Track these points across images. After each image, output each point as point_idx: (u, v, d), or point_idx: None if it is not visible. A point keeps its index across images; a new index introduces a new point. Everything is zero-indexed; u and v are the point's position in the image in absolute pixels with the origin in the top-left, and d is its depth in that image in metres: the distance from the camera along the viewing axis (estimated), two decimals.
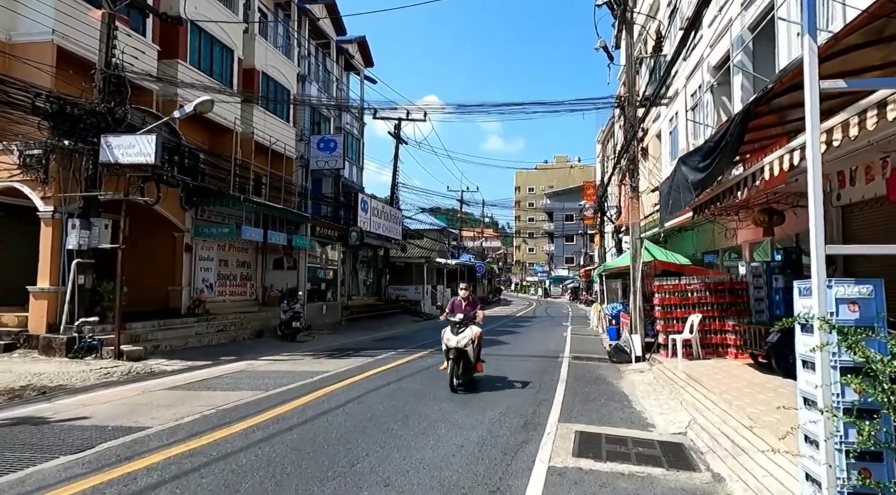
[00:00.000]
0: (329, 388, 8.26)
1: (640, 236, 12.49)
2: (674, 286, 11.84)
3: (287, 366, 10.96)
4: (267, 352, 13.34)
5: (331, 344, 15.87)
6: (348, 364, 11.21)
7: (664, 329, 11.77)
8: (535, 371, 10.64)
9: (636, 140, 11.81)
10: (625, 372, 10.87)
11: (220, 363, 11.58)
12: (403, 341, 16.58)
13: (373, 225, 26.88)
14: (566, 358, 12.90)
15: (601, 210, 27.35)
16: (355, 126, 30.84)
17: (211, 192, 15.97)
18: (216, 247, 17.36)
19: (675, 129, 17.87)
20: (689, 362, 10.82)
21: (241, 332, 16.41)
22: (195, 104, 12.10)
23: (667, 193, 9.50)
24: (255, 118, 20.79)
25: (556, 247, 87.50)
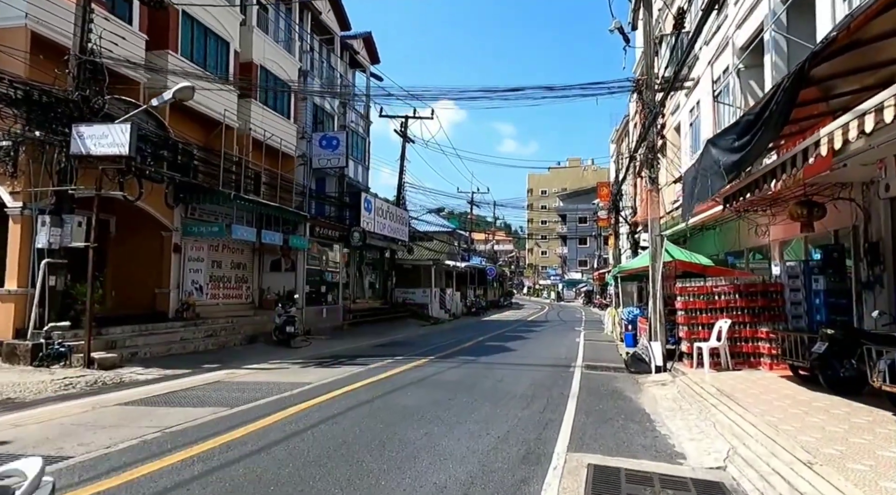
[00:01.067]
0: (304, 405, 7.22)
1: (661, 233, 11.32)
2: (699, 288, 10.65)
3: (268, 377, 9.94)
4: (254, 360, 12.37)
5: (326, 350, 14.86)
6: (336, 374, 10.18)
7: (688, 336, 10.58)
8: (544, 383, 9.51)
9: (655, 126, 10.66)
10: (644, 384, 9.70)
11: (199, 371, 10.62)
12: (404, 348, 15.52)
13: (377, 225, 25.89)
14: (578, 367, 11.74)
15: (616, 209, 26.09)
16: (360, 124, 29.94)
17: (200, 189, 15.09)
18: (207, 248, 16.46)
19: (696, 120, 16.64)
20: (717, 373, 9.62)
21: (232, 338, 15.46)
22: (174, 91, 11.19)
23: (692, 181, 8.34)
24: (253, 113, 19.91)
25: (569, 250, 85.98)
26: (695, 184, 8.15)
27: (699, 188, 7.63)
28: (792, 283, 10.02)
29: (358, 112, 29.83)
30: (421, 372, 10.35)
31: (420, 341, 17.81)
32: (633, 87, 12.09)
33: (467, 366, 11.55)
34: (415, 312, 30.90)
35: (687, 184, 8.90)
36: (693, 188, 8.23)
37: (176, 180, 14.29)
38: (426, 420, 6.43)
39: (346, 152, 24.59)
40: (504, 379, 9.70)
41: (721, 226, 16.11)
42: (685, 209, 8.75)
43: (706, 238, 17.38)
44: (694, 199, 8.23)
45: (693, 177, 8.27)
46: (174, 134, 15.35)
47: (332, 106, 27.06)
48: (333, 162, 24.46)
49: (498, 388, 8.78)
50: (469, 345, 16.60)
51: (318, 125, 25.62)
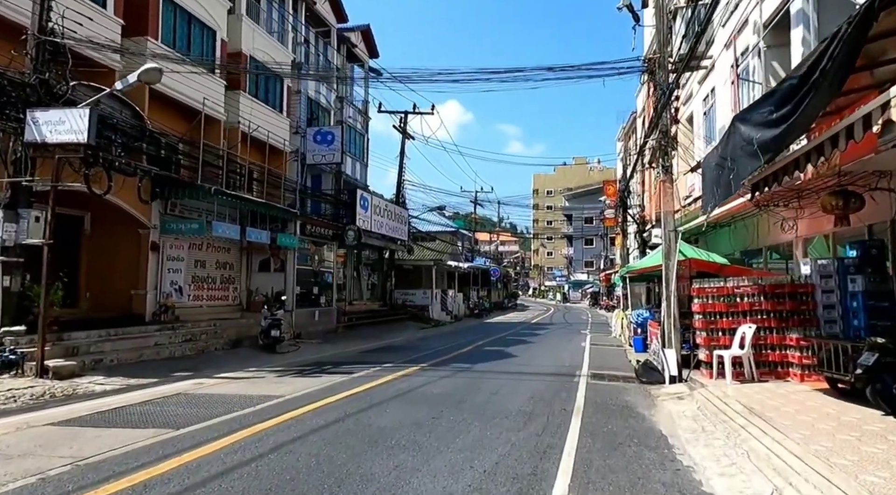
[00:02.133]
0: (263, 425, 6.19)
1: (675, 228, 10.23)
2: (718, 289, 9.55)
3: (238, 388, 8.93)
4: (231, 367, 11.37)
5: (313, 356, 13.85)
6: (314, 384, 9.15)
7: (706, 342, 9.47)
8: (545, 396, 8.44)
9: (669, 109, 9.59)
10: (658, 397, 8.61)
11: (167, 381, 9.64)
12: (397, 353, 14.49)
13: (374, 224, 24.88)
14: (584, 376, 10.67)
15: (623, 206, 24.95)
16: (359, 120, 28.94)
17: (178, 183, 14.12)
18: (187, 247, 15.48)
19: (711, 109, 15.53)
20: (740, 386, 8.52)
21: (213, 342, 14.47)
22: (139, 73, 10.22)
23: (714, 168, 7.26)
24: (242, 106, 18.96)
25: (576, 251, 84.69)
26: (719, 172, 7.07)
27: (725, 175, 6.53)
28: (824, 284, 8.90)
29: (356, 107, 28.84)
30: (408, 383, 9.31)
31: (416, 345, 16.77)
32: (644, 67, 11.00)
33: (461, 374, 10.50)
34: (415, 314, 29.87)
35: (707, 172, 7.82)
36: (717, 176, 7.15)
37: (151, 173, 13.33)
38: (400, 447, 5.38)
39: (341, 148, 23.63)
40: (500, 392, 8.64)
41: (736, 223, 14.98)
42: (706, 200, 7.67)
43: (720, 236, 16.24)
44: (717, 189, 7.13)
45: (716, 163, 7.19)
46: (154, 126, 14.41)
47: (328, 100, 26.10)
48: (328, 158, 23.51)
49: (491, 403, 7.72)
50: (467, 350, 15.54)
51: (314, 120, 24.64)
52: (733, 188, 6.54)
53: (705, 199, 7.72)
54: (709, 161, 7.69)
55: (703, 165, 8.04)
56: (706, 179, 7.78)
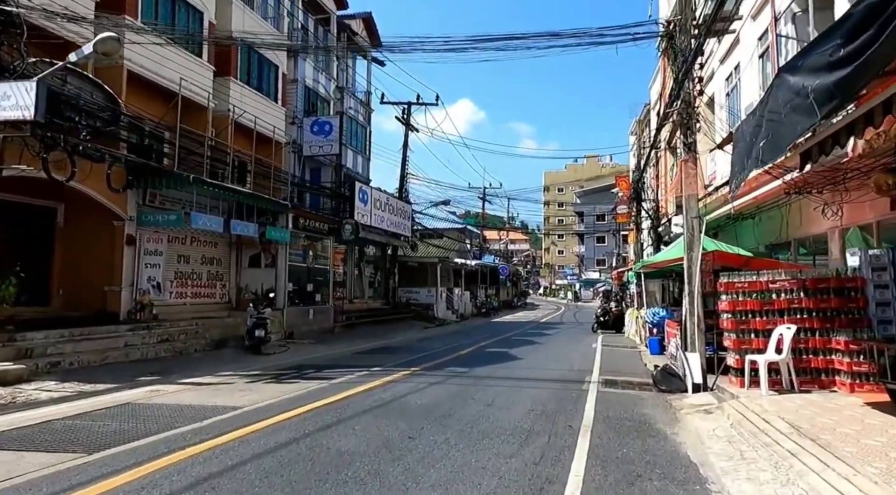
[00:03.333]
0: (194, 449, 5.06)
1: (699, 215, 8.97)
2: (750, 284, 8.26)
3: (198, 397, 7.83)
4: (203, 371, 10.29)
5: (299, 358, 12.76)
6: (285, 393, 8.02)
7: (736, 345, 8.20)
8: (548, 408, 7.23)
9: (691, 76, 8.31)
10: (681, 410, 7.36)
11: (126, 387, 8.59)
12: (391, 355, 13.34)
13: (374, 218, 23.75)
14: (594, 382, 9.44)
15: (637, 198, 23.59)
16: (360, 111, 27.85)
17: (153, 171, 13.08)
18: (166, 240, 14.44)
19: (735, 88, 14.20)
20: (778, 397, 7.25)
21: (193, 343, 13.43)
22: (94, 43, 9.14)
23: (750, 136, 5.99)
24: (233, 93, 17.93)
25: (587, 249, 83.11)
26: (752, 141, 5.82)
27: (767, 141, 5.27)
28: (877, 278, 7.59)
29: (357, 99, 27.75)
30: (391, 391, 8.14)
31: (414, 346, 15.62)
32: (662, 32, 9.73)
33: (454, 381, 9.32)
34: (419, 313, 28.74)
35: (741, 143, 6.56)
36: (750, 146, 5.90)
37: (122, 160, 12.31)
38: (356, 481, 4.21)
39: (339, 138, 22.54)
40: (496, 402, 7.44)
41: (762, 214, 13.66)
42: (735, 174, 6.40)
43: (742, 229, 14.91)
44: (747, 160, 5.87)
45: (752, 130, 5.94)
46: (131, 110, 13.39)
47: (327, 90, 25.03)
48: (326, 149, 22.43)
49: (483, 418, 6.53)
50: (467, 351, 14.36)
51: (312, 111, 23.60)
52: (768, 157, 5.27)
53: (734, 174, 6.46)
54: (743, 130, 6.43)
55: (736, 136, 6.78)
56: (738, 151, 6.52)
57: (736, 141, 6.83)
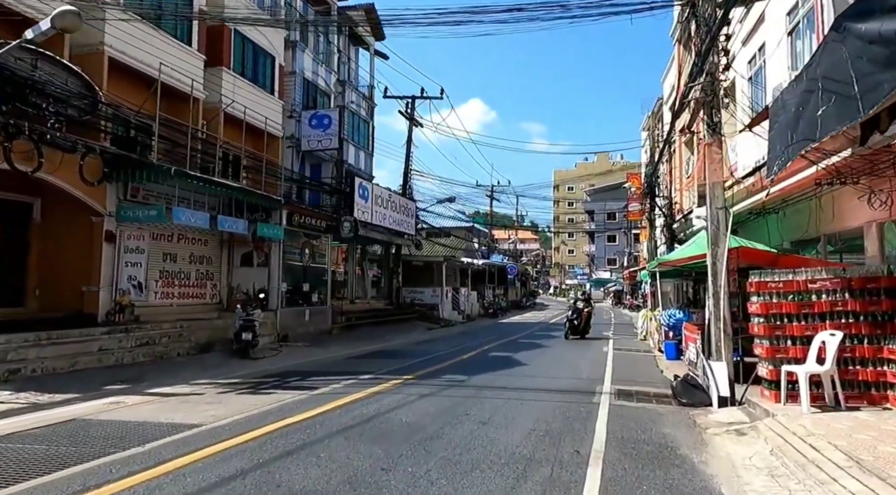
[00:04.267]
0: (112, 487, 4.15)
1: (725, 205, 7.95)
2: (786, 284, 7.22)
3: (156, 411, 6.95)
4: (179, 378, 9.44)
5: (287, 363, 11.88)
6: (255, 406, 7.11)
7: (770, 353, 7.16)
8: (553, 427, 6.26)
9: (716, 47, 7.28)
10: (708, 429, 6.36)
11: (88, 397, 7.76)
12: (386, 360, 12.42)
13: (375, 216, 22.84)
14: (606, 393, 8.44)
15: (651, 193, 22.48)
16: (363, 106, 26.94)
17: (134, 163, 12.25)
18: (149, 237, 13.61)
19: (758, 72, 13.10)
20: (823, 415, 6.22)
21: (176, 346, 12.60)
22: (52, 17, 8.27)
23: (797, 108, 4.98)
24: (225, 84, 17.12)
25: (597, 248, 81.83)
26: (800, 110, 4.82)
27: (830, 107, 4.25)
28: None
29: (360, 93, 26.86)
30: (375, 405, 7.20)
31: (413, 350, 14.68)
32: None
33: (450, 391, 8.36)
34: (423, 314, 27.81)
35: (780, 117, 5.55)
36: (796, 118, 4.90)
37: (96, 150, 11.49)
38: None
39: (339, 132, 21.68)
40: (493, 420, 6.48)
41: (787, 207, 12.56)
42: (777, 155, 5.39)
43: (764, 225, 13.78)
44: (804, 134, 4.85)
45: (798, 98, 4.93)
46: (114, 99, 12.60)
47: (327, 83, 24.16)
48: (325, 143, 21.57)
49: (477, 441, 5.57)
50: (469, 356, 13.40)
51: (312, 105, 22.75)
52: (830, 126, 4.25)
53: (775, 155, 5.45)
54: (783, 101, 5.42)
55: (774, 110, 5.77)
56: (778, 128, 5.51)
57: (774, 116, 5.82)
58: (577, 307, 18.62)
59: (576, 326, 18.23)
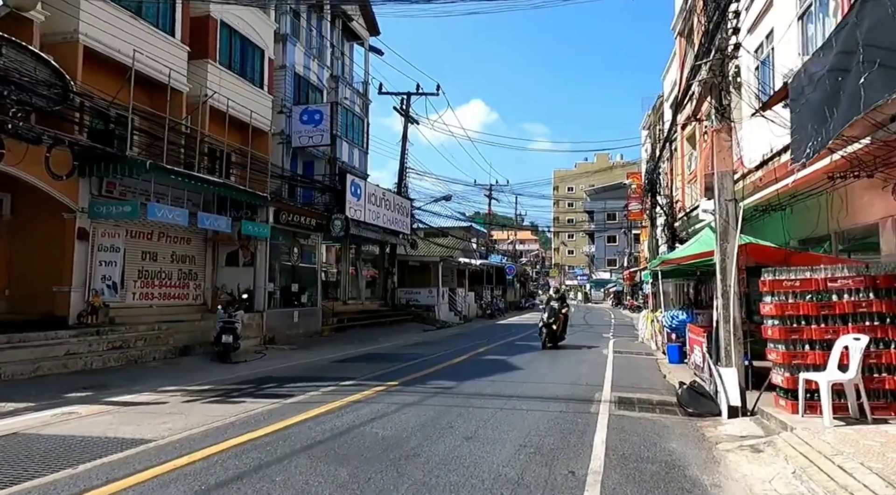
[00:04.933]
0: None
1: (734, 197, 7.31)
2: (803, 282, 6.57)
3: (108, 424, 6.29)
4: (149, 384, 8.78)
5: (267, 367, 11.22)
6: (219, 417, 6.46)
7: (786, 359, 6.50)
8: (546, 442, 5.60)
9: (725, 25, 6.62)
10: (719, 444, 5.70)
11: (41, 407, 7.10)
12: (373, 364, 11.76)
13: (368, 214, 22.21)
14: (605, 402, 7.78)
15: (652, 190, 21.83)
16: (357, 102, 26.33)
17: (105, 157, 11.59)
18: (126, 235, 12.96)
19: (766, 60, 12.46)
20: (848, 429, 5.57)
21: (152, 350, 11.94)
22: None
23: (834, 79, 4.33)
24: (210, 75, 16.50)
25: (597, 249, 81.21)
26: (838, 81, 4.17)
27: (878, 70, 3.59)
28: None
29: (354, 89, 26.23)
30: (351, 416, 6.55)
31: (404, 353, 14.02)
32: None
33: (435, 400, 7.71)
34: (419, 315, 27.17)
35: (810, 91, 4.90)
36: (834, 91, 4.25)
37: (65, 142, 10.85)
38: None
39: (331, 128, 21.04)
40: (479, 434, 5.82)
41: (795, 204, 11.90)
42: (807, 137, 4.73)
43: (769, 223, 13.11)
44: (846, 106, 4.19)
45: (830, 67, 4.28)
46: (87, 89, 11.97)
47: (319, 78, 23.53)
48: (316, 139, 20.95)
49: (459, 460, 4.91)
50: (462, 359, 12.74)
51: (304, 101, 22.12)
52: (875, 95, 3.60)
53: (802, 137, 4.80)
54: (812, 74, 4.77)
55: (797, 85, 5.12)
56: (805, 105, 4.86)
57: (796, 93, 5.17)
58: (553, 308, 15.26)
59: (553, 332, 15.02)
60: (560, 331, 15.26)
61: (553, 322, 14.98)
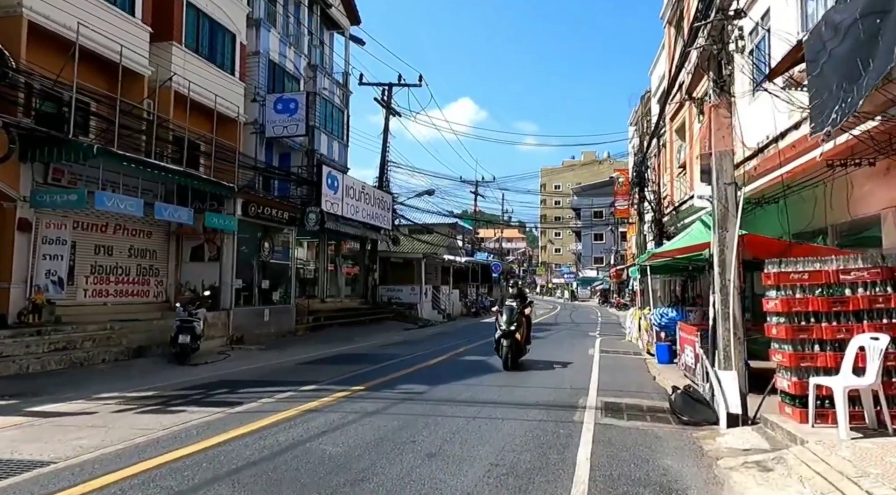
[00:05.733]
0: None
1: (734, 181, 6.58)
2: (812, 275, 5.84)
3: (9, 441, 5.38)
4: (86, 391, 7.87)
5: (226, 370, 10.33)
6: (148, 431, 5.58)
7: (793, 362, 5.77)
8: (522, 459, 4.81)
9: None
10: (719, 460, 4.95)
11: None
12: (343, 365, 10.92)
13: (346, 208, 21.29)
14: (591, 408, 7.01)
15: (640, 183, 21.19)
16: (337, 93, 25.39)
17: (49, 141, 10.58)
18: (74, 227, 11.94)
19: (762, 42, 11.80)
20: (868, 443, 4.84)
21: (102, 351, 10.97)
22: None
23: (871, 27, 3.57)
24: (175, 58, 15.48)
25: (584, 247, 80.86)
26: (876, 25, 3.42)
27: None
28: None
29: (334, 80, 25.28)
30: (301, 429, 5.70)
31: (379, 353, 13.18)
32: None
33: (402, 407, 6.89)
34: (400, 313, 26.34)
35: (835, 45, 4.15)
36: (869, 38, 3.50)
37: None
38: None
39: (307, 117, 20.09)
40: (444, 450, 5.00)
41: (788, 196, 11.23)
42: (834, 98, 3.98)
43: (763, 216, 12.43)
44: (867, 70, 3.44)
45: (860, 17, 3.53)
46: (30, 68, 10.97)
47: (296, 67, 22.55)
48: (291, 129, 19.99)
49: (414, 484, 4.10)
50: (439, 360, 11.93)
51: (279, 89, 21.14)
52: None
53: (824, 102, 4.04)
54: (836, 24, 4.01)
55: (813, 45, 4.37)
56: (829, 62, 4.11)
57: (815, 51, 4.42)
58: (512, 308, 10.60)
59: (517, 343, 10.38)
60: (524, 339, 10.78)
61: (515, 329, 10.29)
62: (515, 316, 10.46)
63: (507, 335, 10.28)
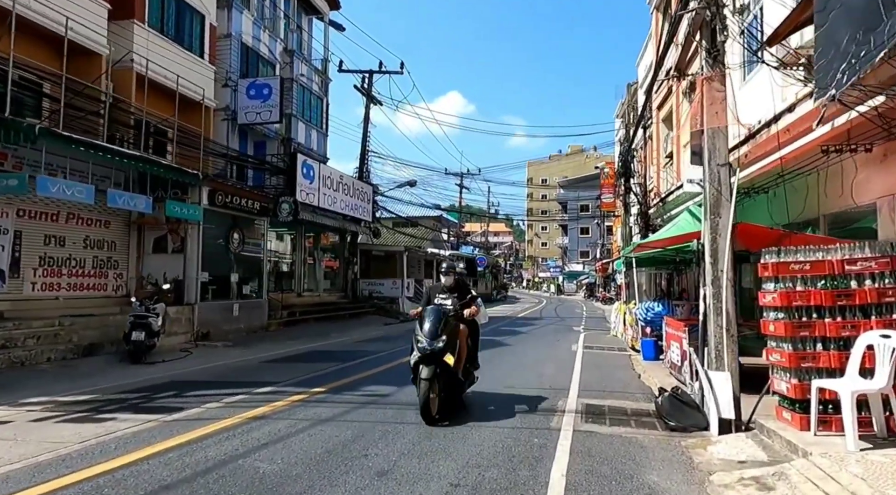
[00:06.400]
0: None
1: (728, 161, 5.96)
2: (814, 265, 5.25)
3: None
4: (12, 395, 7.08)
5: (182, 370, 9.57)
6: (59, 445, 4.85)
7: (793, 362, 5.19)
8: (486, 479, 4.16)
9: None
10: (713, 474, 4.34)
11: None
12: (311, 363, 10.21)
13: (323, 198, 20.48)
14: (570, 412, 6.39)
15: (626, 174, 20.63)
16: (316, 80, 24.50)
17: None
18: (16, 215, 11.05)
19: (756, 20, 11.21)
20: (878, 455, 4.26)
21: (48, 350, 10.15)
22: None
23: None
24: (137, 38, 14.57)
25: (570, 241, 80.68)
26: None
27: None
28: None
29: (312, 66, 24.37)
30: (238, 440, 5.00)
31: (351, 350, 12.48)
32: None
33: (363, 412, 6.22)
34: (381, 308, 25.64)
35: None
36: None
37: None
38: None
39: (280, 103, 19.23)
40: (398, 466, 4.34)
41: (778, 186, 10.70)
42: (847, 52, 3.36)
43: (752, 207, 11.91)
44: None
45: None
46: None
47: (271, 51, 21.63)
48: (264, 115, 19.13)
49: None
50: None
51: (253, 74, 20.24)
52: None
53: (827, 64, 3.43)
54: None
55: None
56: (836, 16, 3.49)
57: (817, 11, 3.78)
58: (439, 311, 6.15)
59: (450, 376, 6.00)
60: (463, 369, 6.44)
61: (444, 347, 5.81)
62: (446, 324, 5.96)
63: (428, 358, 5.75)
